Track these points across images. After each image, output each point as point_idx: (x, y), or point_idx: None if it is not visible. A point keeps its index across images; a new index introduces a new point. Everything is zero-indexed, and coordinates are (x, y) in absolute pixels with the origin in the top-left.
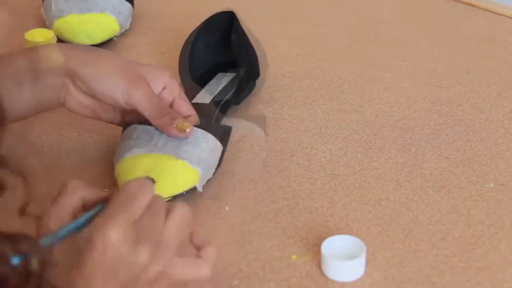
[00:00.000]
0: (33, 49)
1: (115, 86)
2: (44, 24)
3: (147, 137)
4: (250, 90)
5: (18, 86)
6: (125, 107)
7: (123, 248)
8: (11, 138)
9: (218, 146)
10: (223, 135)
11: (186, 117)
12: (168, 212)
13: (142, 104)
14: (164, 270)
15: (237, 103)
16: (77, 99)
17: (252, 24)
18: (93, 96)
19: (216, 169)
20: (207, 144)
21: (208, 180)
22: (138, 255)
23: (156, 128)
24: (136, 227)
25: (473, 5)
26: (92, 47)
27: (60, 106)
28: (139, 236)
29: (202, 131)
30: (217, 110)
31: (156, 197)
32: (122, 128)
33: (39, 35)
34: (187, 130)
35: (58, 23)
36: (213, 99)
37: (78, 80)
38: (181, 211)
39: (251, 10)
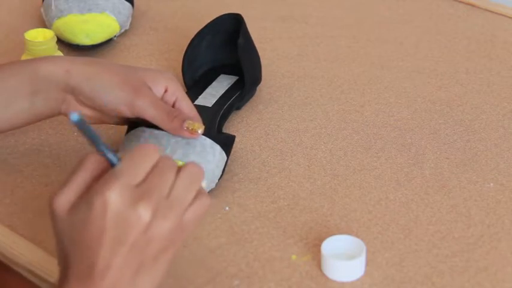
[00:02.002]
0: (33, 61)
1: (118, 99)
2: (44, 24)
3: (155, 142)
4: (252, 95)
5: (17, 98)
6: (132, 117)
7: (123, 208)
8: (11, 138)
9: (223, 157)
10: (227, 145)
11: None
12: (178, 171)
13: (148, 112)
14: (179, 224)
15: (239, 108)
16: (79, 111)
17: (252, 24)
18: (97, 109)
19: (219, 179)
20: (213, 155)
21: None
22: (139, 213)
23: (167, 132)
24: (141, 187)
25: (473, 5)
26: (91, 58)
27: (62, 115)
28: (142, 195)
29: (211, 141)
30: (220, 115)
31: (164, 158)
32: (122, 128)
33: (39, 35)
34: (199, 131)
35: (58, 23)
36: (215, 102)
37: (80, 96)
38: (190, 168)
39: (251, 10)
